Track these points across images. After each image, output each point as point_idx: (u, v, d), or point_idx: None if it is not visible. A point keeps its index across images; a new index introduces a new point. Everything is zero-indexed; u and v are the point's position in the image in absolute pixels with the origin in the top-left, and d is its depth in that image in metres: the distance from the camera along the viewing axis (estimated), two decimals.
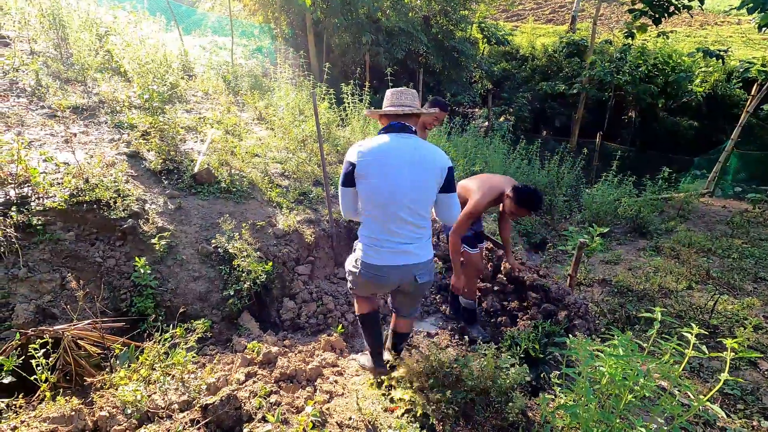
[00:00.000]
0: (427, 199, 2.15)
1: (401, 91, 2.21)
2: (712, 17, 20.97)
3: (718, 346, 3.52)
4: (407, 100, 2.18)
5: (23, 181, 3.32)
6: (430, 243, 2.30)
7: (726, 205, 8.26)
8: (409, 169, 2.07)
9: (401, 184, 2.06)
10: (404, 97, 2.19)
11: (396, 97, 2.21)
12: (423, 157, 2.10)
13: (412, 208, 2.10)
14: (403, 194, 2.07)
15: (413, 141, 2.14)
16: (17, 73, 4.99)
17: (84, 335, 2.48)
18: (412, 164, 2.07)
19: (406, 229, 2.13)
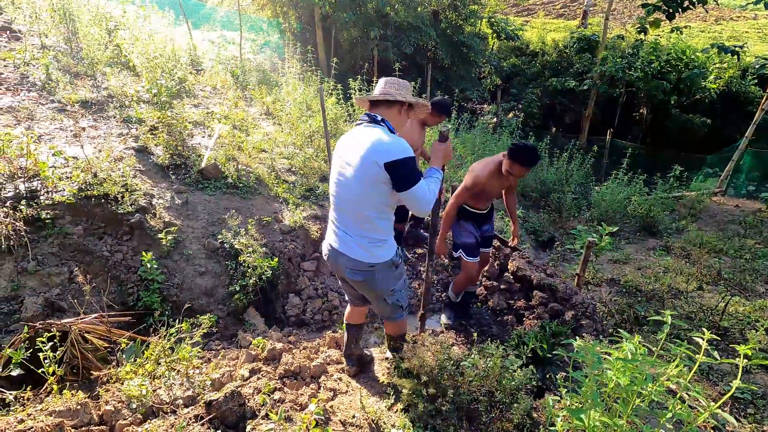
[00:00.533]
0: (368, 197, 1.98)
1: (387, 80, 2.11)
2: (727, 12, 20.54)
3: (728, 348, 3.47)
4: (389, 88, 2.07)
5: (33, 175, 3.35)
6: (378, 248, 2.07)
7: (739, 205, 8.12)
8: (354, 164, 1.98)
9: (345, 180, 2.02)
10: (388, 85, 2.09)
11: (380, 85, 2.12)
12: (363, 151, 1.94)
13: (354, 204, 2.03)
14: (345, 189, 2.03)
15: (369, 132, 1.98)
16: (28, 68, 5.03)
17: (91, 329, 2.50)
18: (356, 158, 1.99)
19: (349, 221, 2.08)
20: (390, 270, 2.14)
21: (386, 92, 2.06)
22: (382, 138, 1.94)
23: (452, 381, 2.43)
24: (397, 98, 2.04)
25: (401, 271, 2.25)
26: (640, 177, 7.40)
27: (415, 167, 1.95)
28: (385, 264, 2.09)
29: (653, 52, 12.16)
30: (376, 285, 2.15)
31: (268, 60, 10.15)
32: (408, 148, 1.96)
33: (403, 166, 1.90)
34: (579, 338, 3.33)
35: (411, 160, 1.93)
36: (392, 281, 2.18)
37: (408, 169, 1.91)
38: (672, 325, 3.68)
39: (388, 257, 2.10)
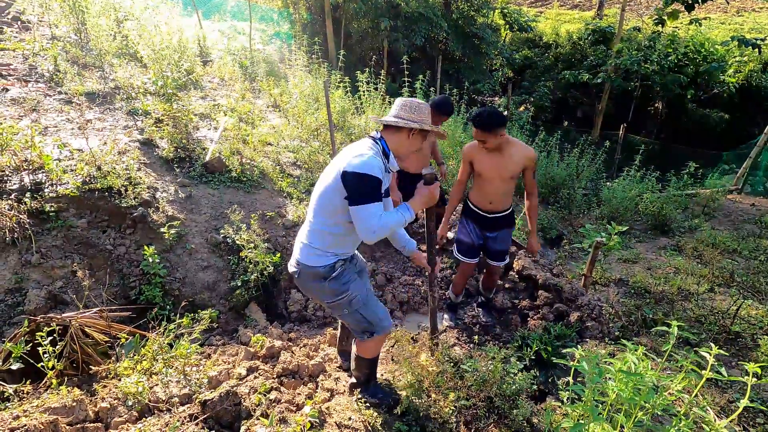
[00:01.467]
0: (323, 206, 2.00)
1: (403, 103, 2.08)
2: (749, 3, 19.88)
3: (739, 353, 3.38)
4: (401, 112, 2.05)
5: (37, 168, 3.36)
6: (308, 254, 2.06)
7: (755, 203, 7.90)
8: (326, 172, 2.04)
9: (316, 186, 2.08)
10: (402, 110, 2.06)
11: (395, 106, 2.10)
12: (338, 161, 1.96)
13: (311, 210, 2.08)
14: (313, 195, 2.09)
15: (355, 146, 2.01)
16: (36, 58, 5.04)
17: (91, 323, 2.50)
18: (330, 167, 2.02)
19: (304, 227, 2.15)
20: (317, 281, 2.06)
21: (397, 116, 2.04)
22: (357, 151, 1.94)
23: (452, 383, 2.39)
24: (399, 125, 2.01)
25: (347, 300, 2.10)
26: (653, 174, 7.22)
27: (373, 190, 1.89)
28: (309, 269, 2.05)
29: (670, 44, 11.84)
30: (305, 287, 2.16)
31: (277, 51, 10.09)
32: (375, 167, 1.89)
33: (358, 179, 1.87)
34: (584, 341, 3.28)
35: (372, 179, 1.87)
36: (326, 296, 2.11)
37: (363, 186, 1.87)
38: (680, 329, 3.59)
39: (315, 264, 2.04)
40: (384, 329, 2.20)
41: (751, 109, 11.87)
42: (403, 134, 2.05)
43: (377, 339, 2.22)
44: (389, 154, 2.07)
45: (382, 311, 2.22)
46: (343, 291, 2.08)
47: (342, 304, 2.11)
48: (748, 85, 11.75)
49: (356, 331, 2.23)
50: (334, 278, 2.05)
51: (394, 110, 2.09)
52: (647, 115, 13.25)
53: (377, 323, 2.17)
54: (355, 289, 2.11)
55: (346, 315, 2.17)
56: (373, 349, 2.29)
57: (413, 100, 2.08)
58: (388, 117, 2.07)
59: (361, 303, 2.13)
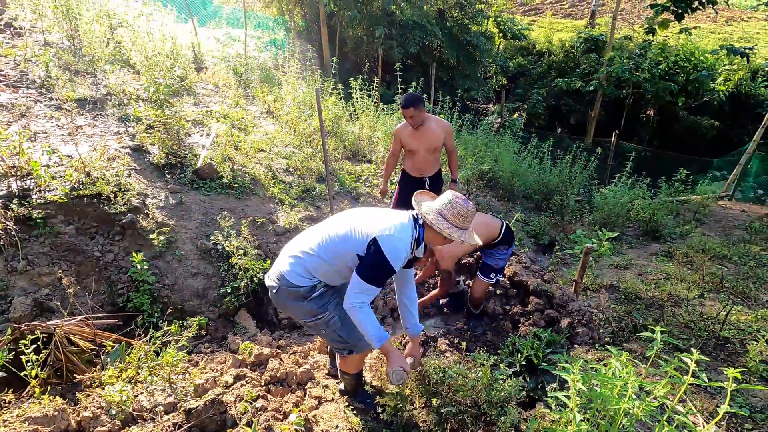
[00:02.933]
0: (336, 242, 2.04)
1: (452, 203, 2.02)
2: (738, 13, 20.22)
3: (728, 359, 3.39)
4: (447, 212, 2.02)
5: (25, 174, 3.34)
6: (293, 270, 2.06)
7: (745, 210, 7.97)
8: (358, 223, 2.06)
9: (339, 223, 2.13)
10: (448, 209, 2.02)
11: (444, 199, 2.05)
12: (375, 225, 2.01)
13: (321, 241, 2.10)
14: (331, 227, 2.15)
15: (395, 220, 2.03)
16: (28, 64, 5.03)
17: (76, 331, 2.48)
18: (365, 223, 2.06)
19: (299, 245, 2.18)
20: (297, 300, 2.05)
21: (442, 215, 2.01)
22: (397, 227, 1.97)
23: (439, 390, 2.38)
24: (442, 233, 1.99)
25: (324, 321, 2.10)
26: (645, 180, 7.28)
27: (382, 276, 1.94)
28: (290, 287, 2.03)
29: (661, 53, 12.00)
30: (282, 304, 2.14)
31: (272, 58, 10.12)
32: (400, 259, 1.94)
33: (379, 260, 1.90)
34: (574, 347, 3.28)
35: (389, 268, 1.92)
36: (303, 315, 2.10)
37: (378, 265, 1.91)
38: (669, 334, 3.60)
39: (298, 284, 2.03)
40: (363, 347, 2.19)
41: (741, 117, 12.03)
42: (441, 238, 2.04)
43: (357, 356, 2.22)
44: (422, 243, 2.07)
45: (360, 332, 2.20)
46: (321, 312, 2.07)
47: (319, 325, 2.10)
48: (737, 93, 11.92)
49: (336, 348, 2.22)
50: (313, 298, 2.04)
51: (441, 204, 2.04)
52: (639, 122, 13.38)
53: (355, 342, 2.16)
54: (333, 311, 2.10)
55: (324, 334, 2.18)
56: (355, 365, 2.29)
57: (462, 204, 2.02)
58: (433, 213, 2.02)
59: (339, 324, 2.11)
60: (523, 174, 7.19)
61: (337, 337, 2.14)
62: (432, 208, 2.05)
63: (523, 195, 7.17)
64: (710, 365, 3.27)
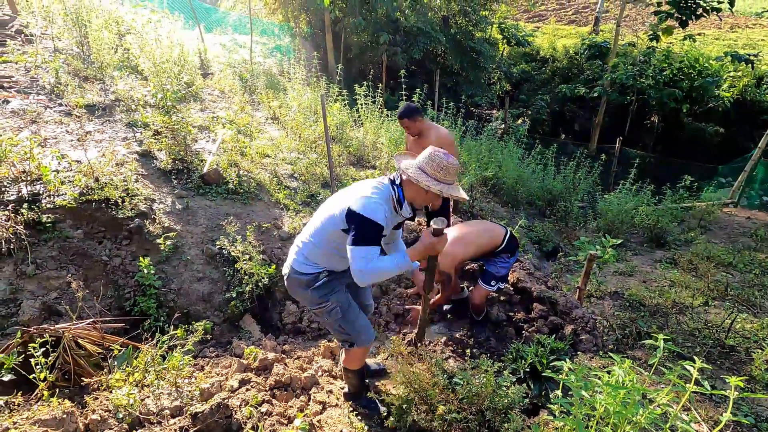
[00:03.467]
0: (323, 228, 2.11)
1: (431, 156, 2.00)
2: (743, 20, 20.21)
3: (733, 367, 3.37)
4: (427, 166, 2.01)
5: (35, 179, 3.40)
6: (299, 260, 2.16)
7: (751, 216, 7.94)
8: (336, 199, 2.16)
9: (323, 206, 2.24)
10: (427, 163, 2.01)
11: (422, 156, 2.04)
12: (349, 195, 2.06)
13: (312, 226, 2.19)
14: (318, 212, 2.27)
15: (369, 184, 2.07)
16: (38, 71, 5.11)
17: (84, 335, 2.51)
18: (341, 196, 2.14)
19: (302, 235, 2.27)
20: (302, 288, 2.14)
21: (421, 168, 2.00)
22: (367, 192, 1.99)
23: (443, 397, 2.39)
24: (420, 184, 1.96)
25: (327, 309, 2.16)
26: (649, 187, 7.27)
27: (373, 234, 1.92)
28: (297, 275, 2.13)
29: (665, 59, 12.01)
30: (292, 291, 2.24)
31: (277, 64, 10.21)
32: (379, 213, 1.92)
33: (360, 222, 1.91)
34: (578, 354, 3.28)
35: (373, 225, 1.91)
36: (309, 302, 2.19)
37: (363, 229, 1.91)
38: (674, 342, 3.59)
39: (302, 271, 2.12)
40: (363, 342, 2.25)
41: (746, 123, 11.99)
42: (421, 188, 1.99)
43: (359, 350, 2.28)
44: (403, 202, 2.05)
45: (362, 324, 2.26)
46: (324, 300, 2.15)
47: (322, 312, 2.18)
48: (742, 100, 11.89)
49: (338, 339, 2.33)
50: (317, 287, 2.12)
51: (421, 159, 2.02)
52: (643, 129, 13.38)
53: (356, 335, 2.22)
54: (336, 300, 2.17)
55: (327, 323, 2.25)
56: (357, 360, 2.35)
57: (442, 156, 1.98)
58: (412, 167, 2.01)
59: (341, 314, 2.18)
60: (527, 180, 7.20)
61: (338, 327, 2.22)
62: (411, 163, 2.05)
63: (527, 201, 7.18)
64: (715, 373, 3.26)
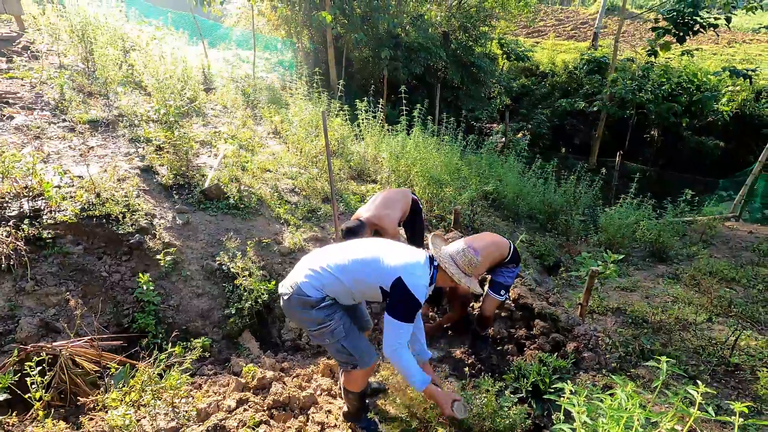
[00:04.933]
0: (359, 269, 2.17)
1: (464, 250, 2.24)
2: (740, 35, 20.43)
3: (738, 387, 3.32)
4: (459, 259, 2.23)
5: (37, 194, 3.41)
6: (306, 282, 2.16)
7: (753, 231, 7.92)
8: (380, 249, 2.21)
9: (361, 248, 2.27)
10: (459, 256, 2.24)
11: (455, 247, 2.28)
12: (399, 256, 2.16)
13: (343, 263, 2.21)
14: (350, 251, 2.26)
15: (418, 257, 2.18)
16: (43, 87, 5.18)
17: (81, 352, 2.49)
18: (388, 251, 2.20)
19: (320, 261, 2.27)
20: (305, 308, 2.13)
21: (453, 260, 2.20)
22: (418, 269, 2.09)
23: (443, 418, 2.35)
24: (453, 278, 2.16)
25: (329, 330, 2.15)
26: (650, 201, 7.26)
27: (414, 312, 2.07)
28: (302, 296, 2.12)
29: (664, 74, 12.12)
30: (291, 312, 2.22)
31: (279, 79, 10.33)
32: (423, 294, 2.07)
33: (408, 298, 2.02)
34: (580, 372, 3.23)
35: (417, 304, 2.05)
36: (309, 324, 2.18)
37: (408, 305, 2.04)
38: (678, 360, 3.55)
39: (310, 294, 2.12)
40: (365, 364, 2.23)
41: (746, 137, 12.04)
42: (450, 280, 2.19)
43: (360, 372, 2.25)
44: (433, 283, 2.20)
45: (365, 345, 2.24)
46: (327, 321, 2.13)
47: (324, 334, 2.15)
48: (741, 114, 11.96)
49: (339, 361, 2.28)
50: (321, 308, 2.11)
51: (454, 249, 2.24)
52: (644, 143, 13.42)
53: (359, 357, 2.20)
54: (339, 320, 2.15)
55: (329, 345, 2.22)
56: (358, 382, 2.32)
57: (473, 254, 2.21)
58: (446, 257, 2.20)
59: (343, 334, 2.16)
60: (528, 194, 7.21)
61: (341, 347, 2.18)
62: (446, 252, 2.24)
63: (527, 215, 7.18)
64: (721, 393, 3.21)
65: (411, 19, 12.30)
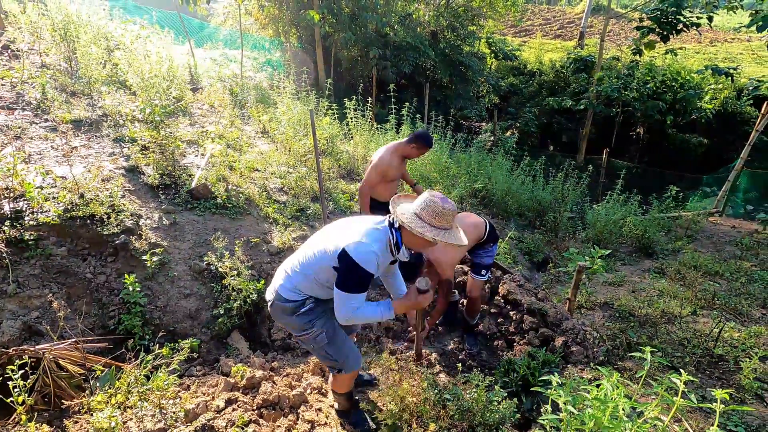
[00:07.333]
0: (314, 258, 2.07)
1: (428, 203, 1.95)
2: (721, 34, 20.84)
3: (722, 377, 3.39)
4: (424, 214, 1.95)
5: (18, 195, 3.34)
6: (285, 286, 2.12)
7: (735, 225, 8.07)
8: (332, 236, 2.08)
9: (318, 239, 2.19)
10: (425, 210, 1.95)
11: (420, 201, 2.00)
12: (345, 235, 2.01)
13: (304, 255, 2.14)
14: (311, 242, 2.21)
15: (366, 226, 2.03)
16: (24, 86, 5.07)
17: (66, 355, 2.45)
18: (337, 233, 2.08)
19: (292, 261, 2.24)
20: (286, 314, 2.11)
21: (419, 216, 1.95)
22: (363, 237, 1.95)
23: (434, 413, 2.36)
24: (415, 232, 1.91)
25: (312, 336, 2.13)
26: (636, 197, 7.36)
27: (361, 282, 1.92)
28: (281, 301, 2.10)
29: (649, 72, 12.31)
30: (276, 317, 2.20)
31: (268, 78, 10.26)
32: (372, 262, 1.91)
33: (352, 267, 1.89)
34: (568, 366, 3.27)
35: (363, 273, 1.90)
36: (293, 329, 2.16)
37: (352, 275, 1.91)
38: (663, 352, 3.60)
39: (287, 298, 2.09)
40: (350, 368, 2.22)
41: (729, 134, 12.28)
42: (419, 239, 1.95)
43: (347, 375, 2.25)
44: (401, 246, 2.04)
45: (348, 350, 2.22)
46: (309, 327, 2.11)
47: (308, 339, 2.14)
48: (724, 111, 12.20)
49: (325, 365, 2.32)
50: (302, 314, 2.09)
51: (418, 205, 1.98)
52: (629, 140, 13.62)
53: (343, 361, 2.19)
54: (321, 327, 2.13)
55: (313, 350, 2.21)
56: (345, 385, 2.33)
57: (439, 202, 1.93)
58: (408, 214, 1.96)
59: (326, 341, 2.14)
60: (516, 191, 7.26)
61: (325, 354, 2.18)
62: (408, 209, 2.00)
63: (516, 212, 7.23)
64: (705, 383, 3.27)
65: (399, 18, 12.31)
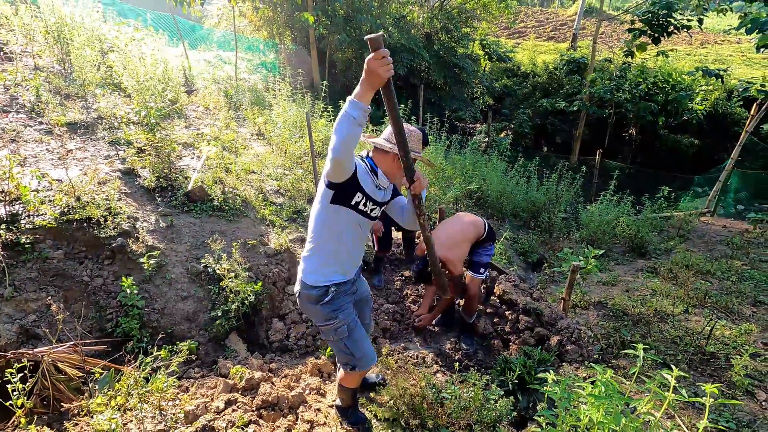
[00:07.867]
0: (313, 211, 2.16)
1: (409, 133, 2.12)
2: (712, 36, 21.11)
3: (714, 374, 3.45)
4: (391, 137, 2.11)
5: (14, 199, 3.33)
6: (312, 270, 2.14)
7: (726, 225, 8.19)
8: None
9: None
10: (389, 133, 2.15)
11: (386, 131, 2.20)
12: None
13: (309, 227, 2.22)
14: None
15: None
16: (18, 89, 5.05)
17: (64, 358, 2.45)
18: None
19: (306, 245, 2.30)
20: (311, 303, 2.14)
21: (387, 140, 2.14)
22: None
23: (432, 411, 2.39)
24: (385, 148, 2.11)
25: (334, 327, 2.14)
26: (629, 197, 7.45)
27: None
28: (306, 290, 2.14)
29: (640, 74, 12.45)
30: (303, 307, 2.22)
31: (262, 80, 10.26)
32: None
33: None
34: (563, 364, 3.31)
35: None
36: (317, 318, 2.18)
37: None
38: (656, 350, 3.66)
39: (311, 284, 2.12)
40: (364, 366, 2.24)
41: (719, 135, 12.45)
42: (389, 157, 2.14)
43: (359, 373, 2.26)
44: (377, 171, 2.16)
45: (366, 347, 2.24)
46: (332, 317, 2.13)
47: (329, 330, 2.16)
48: (715, 113, 12.37)
49: (340, 361, 2.29)
50: (325, 303, 2.11)
51: (385, 133, 2.18)
52: (622, 141, 13.77)
53: (359, 358, 2.21)
54: (344, 318, 2.15)
55: (332, 342, 2.23)
56: (354, 381, 2.35)
57: (404, 126, 2.07)
58: (379, 139, 2.16)
59: (347, 333, 2.16)
60: (511, 192, 7.32)
61: (343, 347, 2.20)
62: (381, 136, 2.20)
63: (511, 213, 7.29)
64: (697, 380, 3.33)
65: (394, 20, 12.37)
